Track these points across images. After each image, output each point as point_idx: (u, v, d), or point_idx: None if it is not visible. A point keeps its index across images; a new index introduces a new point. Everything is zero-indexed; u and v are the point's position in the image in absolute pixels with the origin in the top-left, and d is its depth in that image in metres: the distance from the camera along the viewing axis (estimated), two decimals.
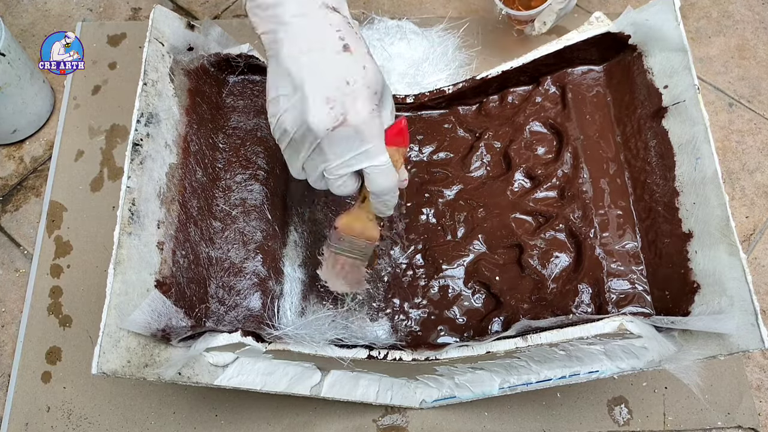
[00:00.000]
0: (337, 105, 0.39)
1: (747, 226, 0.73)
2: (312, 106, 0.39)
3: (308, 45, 0.40)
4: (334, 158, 0.40)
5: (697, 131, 0.47)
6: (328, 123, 0.39)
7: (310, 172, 0.43)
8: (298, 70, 0.39)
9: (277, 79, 0.40)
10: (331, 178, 0.42)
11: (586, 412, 0.64)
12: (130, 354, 0.41)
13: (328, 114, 0.39)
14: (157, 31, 0.51)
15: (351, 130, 0.39)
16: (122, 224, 0.44)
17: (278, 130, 0.42)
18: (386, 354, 0.48)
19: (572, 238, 0.53)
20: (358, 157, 0.41)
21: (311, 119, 0.39)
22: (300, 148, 0.41)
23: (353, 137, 0.40)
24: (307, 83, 0.39)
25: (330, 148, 0.40)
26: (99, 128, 0.78)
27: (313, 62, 0.39)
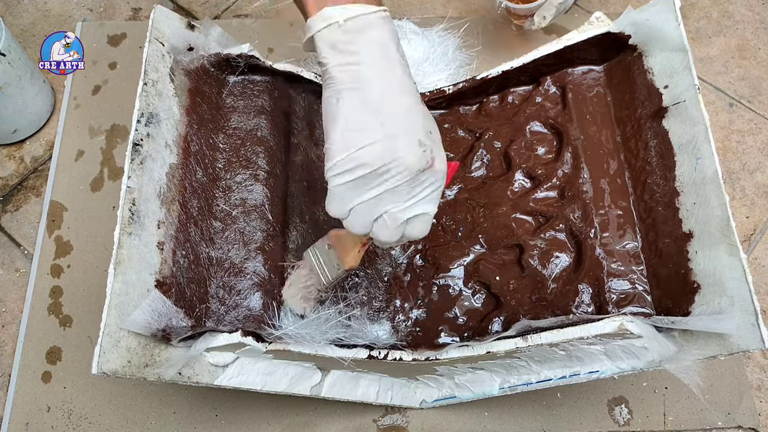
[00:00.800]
0: (427, 150, 0.40)
1: (747, 226, 0.73)
2: (407, 144, 0.39)
3: (398, 88, 0.40)
4: (406, 200, 0.40)
5: (698, 131, 0.47)
6: (420, 163, 0.39)
7: (364, 213, 0.41)
8: (393, 109, 0.39)
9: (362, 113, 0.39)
10: (388, 223, 0.41)
11: (587, 412, 0.64)
12: (131, 354, 0.41)
13: (421, 155, 0.39)
14: (158, 31, 0.51)
15: (431, 176, 0.40)
16: (122, 224, 0.44)
17: (351, 162, 0.39)
18: (386, 354, 0.48)
19: (572, 238, 0.53)
20: (422, 202, 0.41)
21: (405, 156, 0.39)
22: (371, 185, 0.40)
23: (432, 184, 0.40)
24: (402, 123, 0.39)
25: (410, 189, 0.40)
26: (99, 128, 0.78)
27: (408, 105, 0.40)
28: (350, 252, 0.47)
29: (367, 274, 0.57)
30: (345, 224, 0.42)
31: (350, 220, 0.41)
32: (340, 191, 0.40)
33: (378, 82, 0.39)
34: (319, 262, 0.49)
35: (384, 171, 0.39)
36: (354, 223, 0.41)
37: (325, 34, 0.40)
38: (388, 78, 0.40)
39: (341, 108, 0.40)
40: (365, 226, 0.41)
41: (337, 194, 0.41)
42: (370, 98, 0.39)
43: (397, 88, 0.40)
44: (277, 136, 0.57)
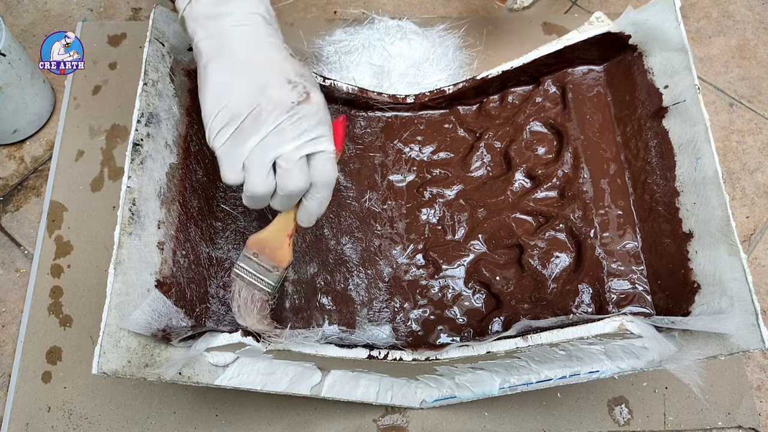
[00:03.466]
0: (299, 86, 0.40)
1: (747, 226, 0.73)
2: (275, 84, 0.39)
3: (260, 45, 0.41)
4: (294, 139, 0.39)
5: (698, 131, 0.47)
6: (292, 96, 0.39)
7: (258, 165, 0.39)
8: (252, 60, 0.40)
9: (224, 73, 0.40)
10: (287, 167, 0.39)
11: (587, 412, 0.64)
12: (131, 354, 0.41)
13: (291, 91, 0.39)
14: (158, 31, 0.51)
15: (313, 108, 0.39)
16: (123, 224, 0.44)
17: (223, 116, 0.39)
18: (386, 354, 0.48)
19: (572, 238, 0.53)
20: (315, 141, 0.40)
21: (275, 93, 0.39)
22: (251, 134, 0.39)
23: (313, 117, 0.40)
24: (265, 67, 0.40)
25: (291, 126, 0.39)
26: (99, 128, 0.78)
27: (268, 55, 0.41)
28: (281, 248, 0.45)
29: (368, 274, 0.57)
30: (246, 188, 0.40)
31: (249, 180, 0.40)
32: (225, 151, 0.40)
33: (240, 44, 0.40)
34: (252, 275, 0.46)
35: (257, 113, 0.39)
36: (254, 181, 0.40)
37: (188, 11, 0.41)
38: (249, 39, 0.41)
39: (208, 75, 0.40)
40: (264, 180, 0.40)
41: (224, 156, 0.40)
42: (234, 59, 0.40)
43: (259, 46, 0.41)
44: None
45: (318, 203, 0.43)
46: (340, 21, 0.84)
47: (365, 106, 0.62)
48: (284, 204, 0.42)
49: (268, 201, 0.42)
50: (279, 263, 0.46)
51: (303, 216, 0.44)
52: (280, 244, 0.45)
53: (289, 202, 0.42)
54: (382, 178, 0.60)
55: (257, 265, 0.46)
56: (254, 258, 0.46)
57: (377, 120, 0.62)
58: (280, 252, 0.45)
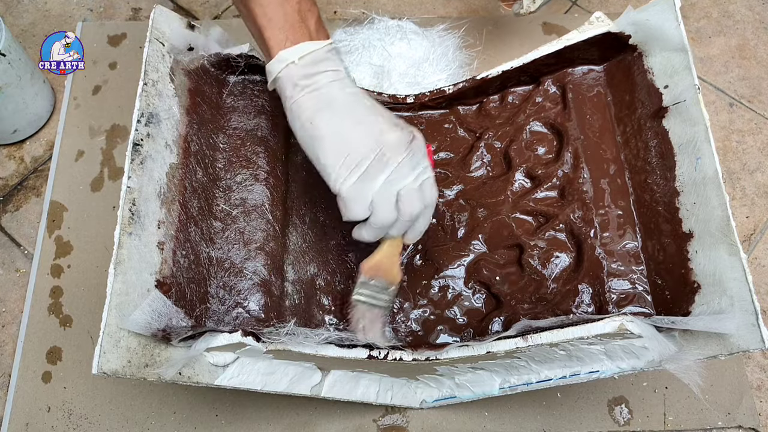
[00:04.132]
0: (404, 128, 0.46)
1: (747, 226, 0.73)
2: (388, 129, 0.45)
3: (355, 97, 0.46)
4: (411, 172, 0.45)
5: (698, 131, 0.47)
6: (406, 137, 0.45)
7: (386, 199, 0.45)
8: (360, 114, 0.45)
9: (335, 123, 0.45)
10: (408, 195, 0.45)
11: (587, 412, 0.64)
12: (131, 354, 0.41)
13: (401, 133, 0.45)
14: (158, 31, 0.51)
15: (419, 144, 0.46)
16: (123, 224, 0.44)
17: (349, 164, 0.44)
18: (386, 354, 0.48)
19: (572, 238, 0.53)
20: (424, 170, 0.46)
21: (392, 137, 0.45)
22: (377, 172, 0.44)
23: (421, 151, 0.46)
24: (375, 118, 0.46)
25: (410, 162, 0.45)
26: (99, 128, 0.78)
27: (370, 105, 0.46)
28: (391, 268, 0.50)
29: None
30: (372, 221, 0.45)
31: (376, 213, 0.45)
32: (354, 191, 0.44)
33: (340, 96, 0.45)
34: (370, 298, 0.50)
35: (381, 156, 0.44)
36: (381, 213, 0.45)
37: (284, 74, 0.46)
38: (345, 92, 0.46)
39: (319, 127, 0.45)
40: (390, 211, 0.45)
41: (352, 196, 0.45)
42: (339, 110, 0.45)
43: (356, 96, 0.46)
44: (277, 136, 0.57)
45: (427, 221, 0.48)
46: (340, 21, 0.84)
47: None
48: (404, 229, 0.47)
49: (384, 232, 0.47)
50: (393, 281, 0.50)
51: (413, 235, 0.48)
52: (392, 265, 0.50)
53: (406, 228, 0.47)
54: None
55: (374, 287, 0.50)
56: (370, 282, 0.50)
57: None
58: (393, 271, 0.50)
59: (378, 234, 0.47)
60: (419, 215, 0.46)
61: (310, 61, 0.45)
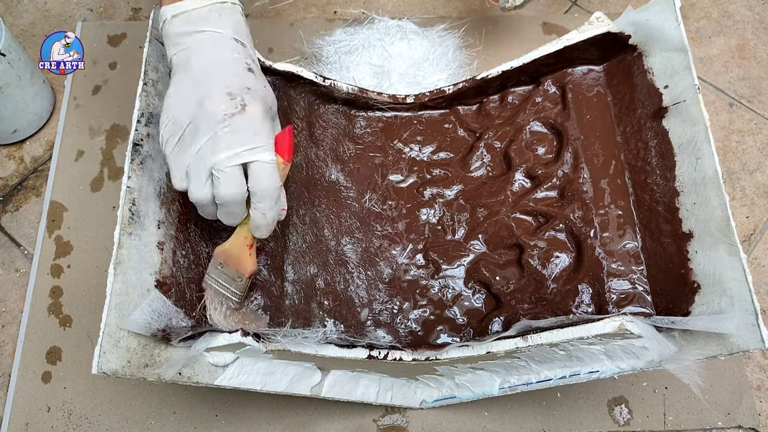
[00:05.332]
0: (237, 98, 0.42)
1: (747, 226, 0.73)
2: (213, 95, 0.41)
3: (217, 60, 0.43)
4: (226, 149, 0.40)
5: (698, 131, 0.47)
6: (227, 109, 0.41)
7: (196, 173, 0.41)
8: (204, 74, 0.42)
9: (180, 85, 0.43)
10: (219, 175, 0.41)
11: (587, 412, 0.64)
12: (131, 354, 0.41)
13: (228, 102, 0.41)
14: (158, 31, 0.51)
15: (248, 119, 0.41)
16: (122, 224, 0.44)
17: (170, 127, 0.42)
18: (386, 354, 0.48)
19: (572, 238, 0.53)
20: (249, 151, 0.41)
21: (210, 105, 0.41)
22: (190, 143, 0.41)
23: (248, 128, 0.41)
24: (211, 81, 0.42)
25: (224, 137, 0.40)
26: (99, 128, 0.78)
27: (219, 69, 0.43)
28: (241, 259, 0.47)
29: (368, 275, 0.57)
30: (189, 196, 0.42)
31: (190, 188, 0.42)
32: (172, 159, 0.42)
33: (200, 59, 0.43)
34: (220, 283, 0.47)
35: (197, 124, 0.41)
36: (193, 189, 0.42)
37: (164, 32, 0.44)
38: (210, 56, 0.43)
39: (170, 86, 0.43)
40: (202, 187, 0.41)
41: (171, 163, 0.42)
42: (191, 73, 0.43)
43: (218, 61, 0.43)
44: None
45: (260, 213, 0.43)
46: (340, 21, 0.84)
47: (365, 106, 0.62)
48: (227, 215, 0.44)
49: (214, 210, 0.44)
50: (242, 273, 0.47)
51: (252, 227, 0.44)
52: (242, 255, 0.46)
53: (233, 212, 0.43)
54: (382, 178, 0.60)
55: (224, 275, 0.47)
56: (220, 268, 0.47)
57: (377, 120, 0.62)
58: (243, 262, 0.47)
59: (203, 212, 0.44)
60: (237, 202, 0.42)
61: (186, 20, 0.43)
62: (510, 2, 0.72)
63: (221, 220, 0.44)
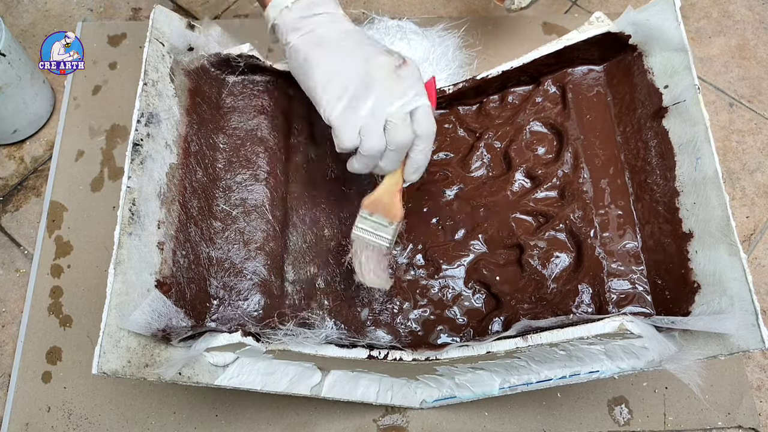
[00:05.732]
0: (395, 55, 0.45)
1: (747, 226, 0.73)
2: (377, 55, 0.45)
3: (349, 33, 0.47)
4: (399, 98, 0.44)
5: (698, 131, 0.47)
6: (395, 61, 0.45)
7: (374, 125, 0.44)
8: (349, 43, 0.46)
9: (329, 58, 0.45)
10: (397, 121, 0.44)
11: (587, 412, 0.64)
12: (131, 354, 0.41)
13: (389, 58, 0.45)
14: (158, 31, 0.51)
15: (411, 69, 0.45)
16: (122, 224, 0.44)
17: (335, 91, 0.44)
18: (386, 354, 0.48)
19: (572, 238, 0.53)
20: (415, 97, 0.44)
21: (378, 61, 0.44)
22: (365, 99, 0.44)
23: (411, 77, 0.45)
24: (364, 44, 0.45)
25: (397, 86, 0.44)
26: (99, 128, 0.78)
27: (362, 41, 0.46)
28: (393, 204, 0.49)
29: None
30: (361, 149, 0.45)
31: (364, 140, 0.44)
32: (342, 120, 0.44)
33: (332, 34, 0.46)
34: (370, 233, 0.49)
35: (367, 81, 0.44)
36: (368, 140, 0.44)
37: (280, 21, 0.46)
38: (338, 30, 0.46)
39: (312, 63, 0.45)
40: (378, 137, 0.44)
41: (340, 125, 0.44)
42: (330, 45, 0.45)
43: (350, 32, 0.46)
44: (277, 136, 0.57)
45: (424, 155, 0.46)
46: None
47: None
48: (394, 160, 0.46)
49: (377, 161, 0.46)
50: (393, 218, 0.49)
51: (410, 169, 0.47)
52: (392, 200, 0.49)
53: (399, 158, 0.46)
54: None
55: (374, 223, 0.49)
56: (370, 217, 0.49)
57: None
58: (393, 208, 0.49)
59: (369, 164, 0.46)
60: (410, 145, 0.45)
61: (303, 5, 0.46)
62: (516, 3, 0.72)
63: (380, 169, 0.47)
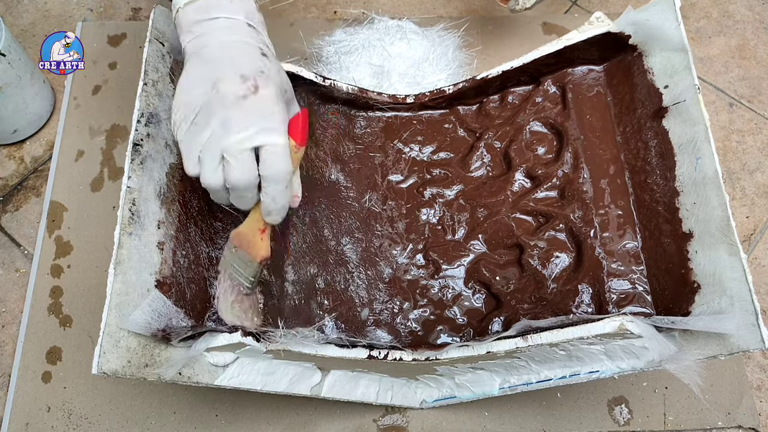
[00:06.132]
0: (250, 81, 0.41)
1: (747, 226, 0.73)
2: (226, 77, 0.41)
3: (230, 44, 0.43)
4: (238, 131, 0.40)
5: (698, 131, 0.47)
6: (239, 91, 0.41)
7: (208, 158, 0.41)
8: (217, 58, 0.42)
9: (193, 70, 0.43)
10: (231, 159, 0.40)
11: (587, 412, 0.64)
12: (131, 354, 0.41)
13: (240, 85, 0.41)
14: (158, 31, 0.51)
15: (260, 101, 0.41)
16: (122, 224, 0.44)
17: (182, 111, 0.41)
18: (386, 354, 0.48)
19: (572, 238, 0.53)
20: (261, 133, 0.40)
21: (223, 87, 0.41)
22: (203, 126, 0.41)
23: (260, 110, 0.41)
24: (224, 64, 0.42)
25: (236, 118, 0.40)
26: (99, 128, 0.78)
27: (232, 53, 0.43)
28: (254, 243, 0.46)
29: (368, 275, 0.57)
30: (201, 181, 0.42)
31: (202, 173, 0.41)
32: (184, 143, 0.42)
33: (214, 44, 0.43)
34: (233, 267, 0.47)
35: (210, 107, 0.41)
36: (205, 174, 0.41)
37: (177, 20, 0.45)
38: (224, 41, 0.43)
39: (184, 71, 0.43)
40: (214, 172, 0.41)
41: (184, 148, 0.42)
42: (205, 58, 0.43)
43: (231, 46, 0.43)
44: None
45: (271, 198, 0.43)
46: (340, 21, 0.84)
47: (365, 106, 0.62)
48: (239, 199, 0.43)
49: (227, 195, 0.43)
50: (254, 258, 0.47)
51: (264, 212, 0.44)
52: (254, 239, 0.46)
53: (243, 198, 0.43)
54: (382, 178, 0.60)
55: (237, 258, 0.47)
56: (234, 251, 0.47)
57: (377, 120, 0.62)
58: (255, 246, 0.46)
59: (215, 197, 0.44)
60: (252, 186, 0.42)
61: (199, 7, 0.44)
62: (520, 4, 0.72)
63: (234, 205, 0.44)
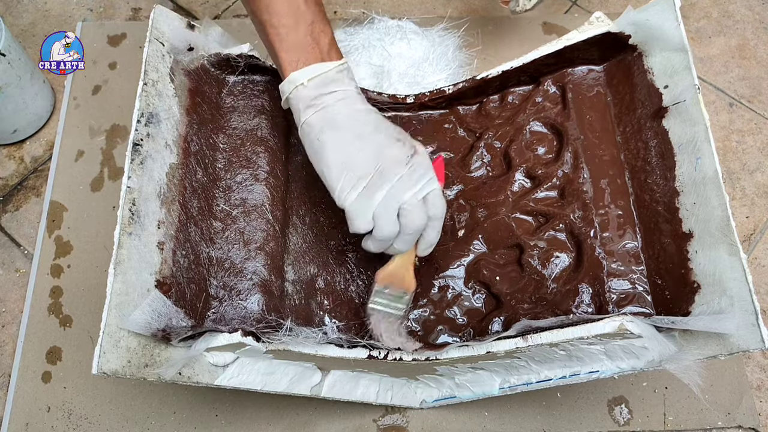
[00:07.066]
0: (406, 142, 0.47)
1: (747, 226, 0.73)
2: (389, 143, 0.46)
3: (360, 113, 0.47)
4: (412, 186, 0.46)
5: (698, 131, 0.47)
6: (407, 152, 0.46)
7: (387, 213, 0.45)
8: (360, 127, 0.46)
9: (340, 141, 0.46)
10: (410, 209, 0.46)
11: (587, 412, 0.64)
12: (131, 354, 0.41)
13: (402, 148, 0.46)
14: (158, 31, 0.51)
15: (421, 158, 0.47)
16: (122, 224, 0.44)
17: (350, 178, 0.45)
18: (386, 354, 0.48)
19: (572, 238, 0.53)
20: (427, 183, 0.46)
21: (391, 152, 0.46)
22: (379, 187, 0.45)
23: (423, 165, 0.47)
24: (378, 131, 0.47)
25: (410, 177, 0.46)
26: (99, 128, 0.78)
27: (374, 120, 0.47)
28: (407, 277, 0.51)
29: (368, 275, 0.57)
30: (375, 234, 0.46)
31: (378, 226, 0.46)
32: (356, 206, 0.46)
33: (345, 114, 0.47)
34: (386, 305, 0.51)
35: (381, 170, 0.45)
36: (382, 227, 0.46)
37: (294, 95, 0.47)
38: (350, 110, 0.47)
39: (324, 144, 0.46)
40: (392, 223, 0.46)
41: (354, 210, 0.46)
42: (342, 127, 0.46)
43: (362, 113, 0.47)
44: (277, 136, 0.57)
45: (436, 232, 0.49)
46: (340, 21, 0.84)
47: None
48: (408, 242, 0.48)
49: (388, 244, 0.48)
50: (407, 289, 0.52)
51: (423, 246, 0.49)
52: (407, 273, 0.51)
53: (413, 240, 0.48)
54: None
55: (389, 296, 0.51)
56: (384, 291, 0.51)
57: None
58: (408, 279, 0.51)
59: (382, 246, 0.48)
60: (423, 227, 0.47)
61: (319, 83, 0.47)
62: (521, 6, 0.72)
63: (394, 249, 0.48)
